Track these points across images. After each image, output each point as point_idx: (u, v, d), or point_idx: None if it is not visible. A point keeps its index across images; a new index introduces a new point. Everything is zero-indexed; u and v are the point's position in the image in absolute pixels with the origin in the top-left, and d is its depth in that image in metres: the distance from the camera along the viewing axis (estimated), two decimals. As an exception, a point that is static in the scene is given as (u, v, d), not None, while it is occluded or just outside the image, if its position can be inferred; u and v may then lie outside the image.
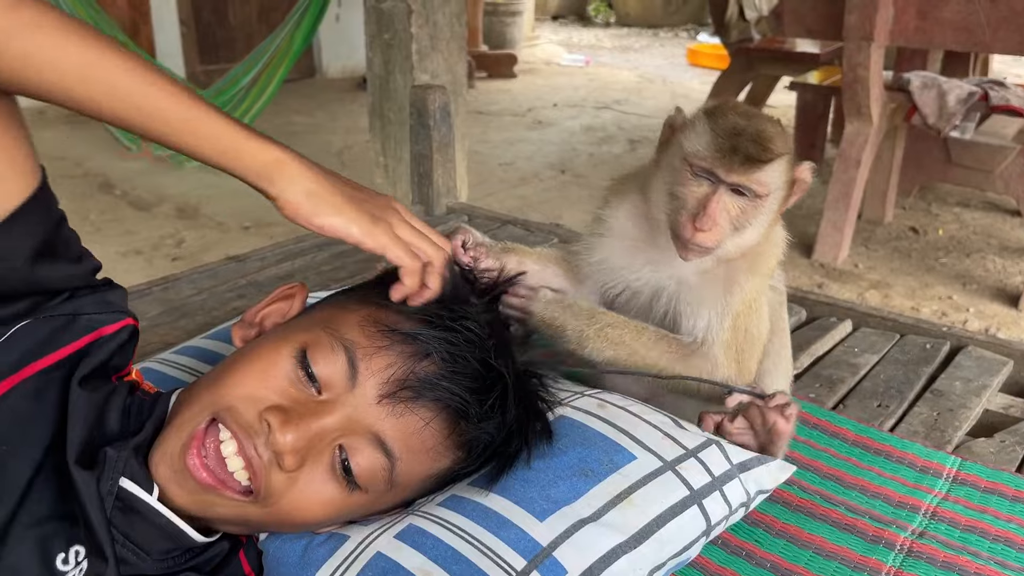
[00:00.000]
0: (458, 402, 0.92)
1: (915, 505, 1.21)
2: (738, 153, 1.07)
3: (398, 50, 3.79)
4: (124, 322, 0.98)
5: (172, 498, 0.89)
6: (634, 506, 1.01)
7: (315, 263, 2.06)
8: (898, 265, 4.24)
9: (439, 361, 0.91)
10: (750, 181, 1.08)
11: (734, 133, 1.08)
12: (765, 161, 1.08)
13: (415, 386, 0.90)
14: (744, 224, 1.11)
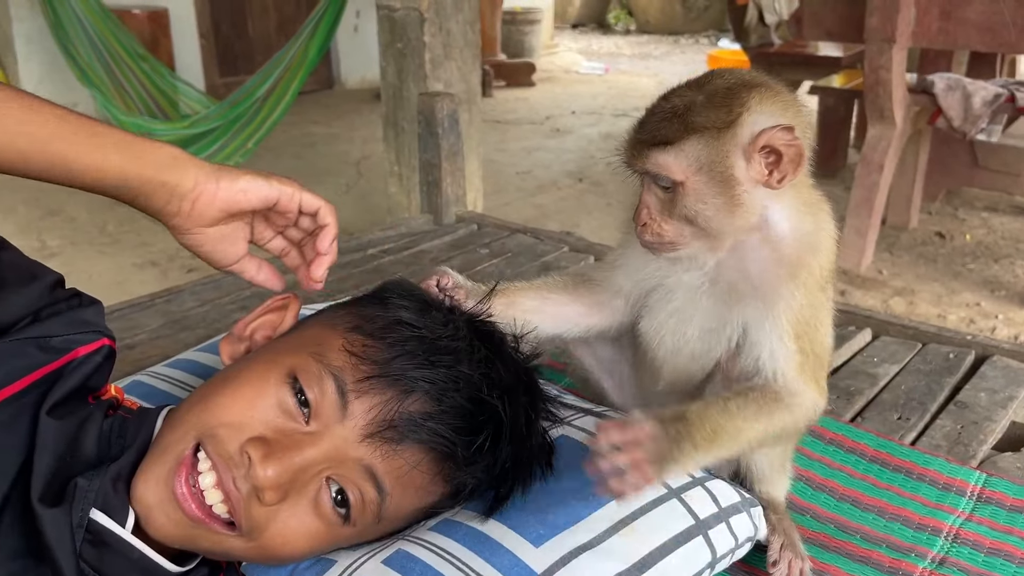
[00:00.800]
0: (444, 444, 0.87)
1: (936, 527, 1.15)
2: (637, 136, 0.93)
3: (411, 59, 3.77)
4: (100, 342, 0.94)
5: (155, 528, 0.85)
6: (636, 533, 0.96)
7: (320, 274, 2.02)
8: (924, 271, 4.14)
9: (425, 399, 0.86)
10: (653, 167, 0.92)
11: (647, 113, 0.94)
12: (658, 144, 0.90)
13: (399, 427, 0.85)
14: (691, 216, 0.92)
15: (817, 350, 0.98)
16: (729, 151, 0.89)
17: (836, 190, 5.20)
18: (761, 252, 0.95)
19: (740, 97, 0.90)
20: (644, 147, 0.92)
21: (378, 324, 0.91)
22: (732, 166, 0.90)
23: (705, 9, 11.64)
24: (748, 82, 0.91)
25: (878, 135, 4.01)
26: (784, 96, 0.93)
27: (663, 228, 0.94)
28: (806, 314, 0.95)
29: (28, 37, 5.96)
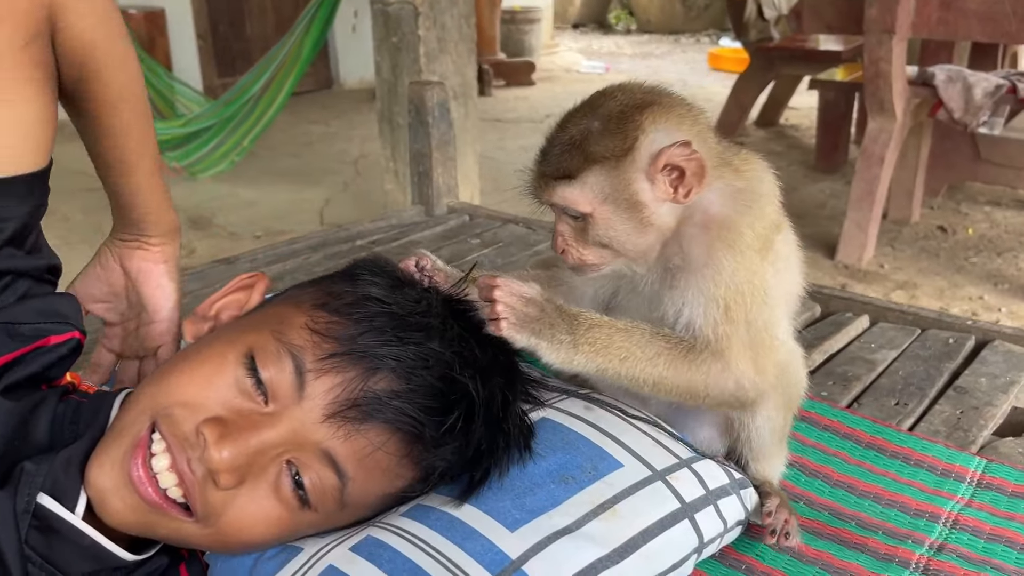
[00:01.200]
0: (410, 424, 0.82)
1: (935, 513, 1.10)
2: (540, 169, 0.92)
3: (406, 53, 3.74)
4: (70, 334, 0.92)
5: (110, 514, 0.81)
6: (618, 517, 0.92)
7: (307, 264, 1.99)
8: (926, 265, 4.10)
9: (392, 377, 0.82)
10: (559, 200, 0.91)
11: (547, 145, 0.92)
12: (561, 177, 0.90)
13: (363, 406, 0.81)
14: (605, 242, 0.92)
15: (754, 325, 0.93)
16: (631, 177, 0.89)
17: (837, 185, 5.16)
18: (696, 230, 0.93)
19: (634, 120, 0.89)
20: (548, 180, 0.91)
21: (345, 300, 0.87)
22: (636, 191, 0.89)
23: (706, 8, 11.60)
24: (640, 102, 0.90)
25: (879, 128, 3.96)
26: (677, 109, 0.91)
27: (582, 253, 0.94)
28: (738, 279, 0.91)
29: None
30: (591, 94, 0.94)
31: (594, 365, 0.91)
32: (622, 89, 0.92)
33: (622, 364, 0.91)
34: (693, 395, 0.95)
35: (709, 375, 0.93)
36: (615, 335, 0.91)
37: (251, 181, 5.23)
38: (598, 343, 0.91)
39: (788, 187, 3.78)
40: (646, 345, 0.92)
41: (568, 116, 0.93)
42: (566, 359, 0.90)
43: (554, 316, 0.89)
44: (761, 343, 0.95)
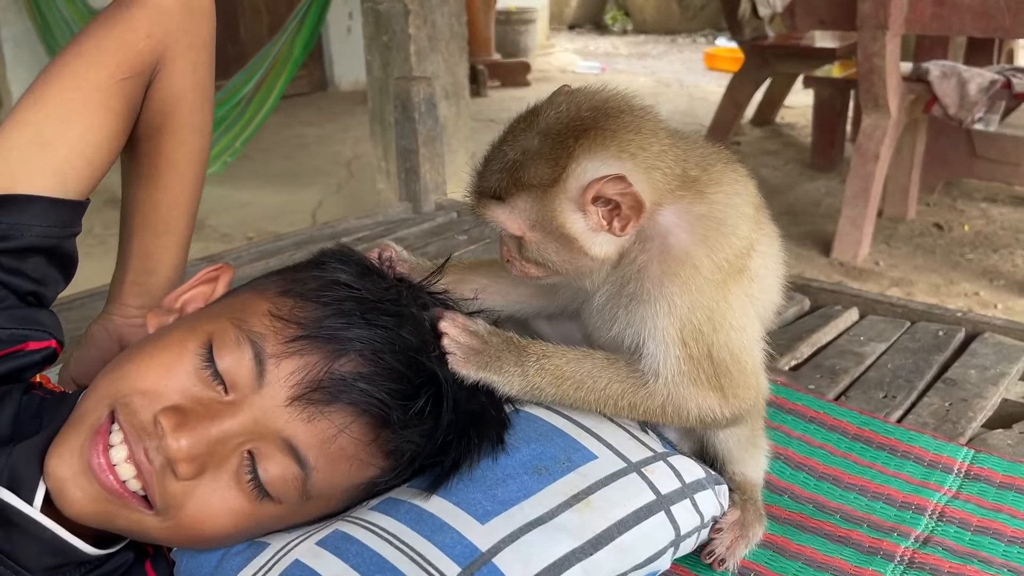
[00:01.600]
0: (376, 407, 0.80)
1: (921, 505, 1.08)
2: (478, 186, 0.88)
3: (396, 52, 3.72)
4: (48, 343, 0.92)
5: (68, 504, 0.78)
6: (592, 508, 0.89)
7: (292, 262, 1.96)
8: (922, 262, 4.07)
9: (358, 360, 0.80)
10: (491, 220, 0.88)
11: (488, 156, 0.88)
12: (496, 199, 0.86)
13: (328, 388, 0.78)
14: (541, 261, 0.88)
15: (715, 355, 0.88)
16: (559, 207, 0.84)
17: (833, 182, 5.14)
18: (651, 258, 0.87)
19: (567, 146, 0.83)
20: (483, 197, 0.88)
21: (311, 286, 0.85)
22: (564, 222, 0.84)
23: (701, 8, 11.59)
24: (580, 124, 0.84)
25: (873, 124, 3.94)
26: (621, 135, 0.84)
27: (525, 267, 0.91)
28: (697, 317, 0.86)
29: (16, 41, 5.92)
30: (546, 97, 0.89)
31: (548, 395, 0.91)
32: (571, 99, 0.86)
33: (576, 392, 0.91)
34: (655, 419, 0.93)
35: (666, 406, 0.90)
36: (566, 366, 0.90)
37: (244, 183, 5.20)
38: (548, 373, 0.90)
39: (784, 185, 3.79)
40: (599, 375, 0.90)
41: (515, 123, 0.89)
42: (520, 389, 0.90)
43: (500, 348, 0.89)
44: (727, 372, 0.89)
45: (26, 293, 0.95)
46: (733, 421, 0.93)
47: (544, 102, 0.89)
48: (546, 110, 0.86)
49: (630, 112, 0.87)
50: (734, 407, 0.91)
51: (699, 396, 0.89)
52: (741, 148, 6.02)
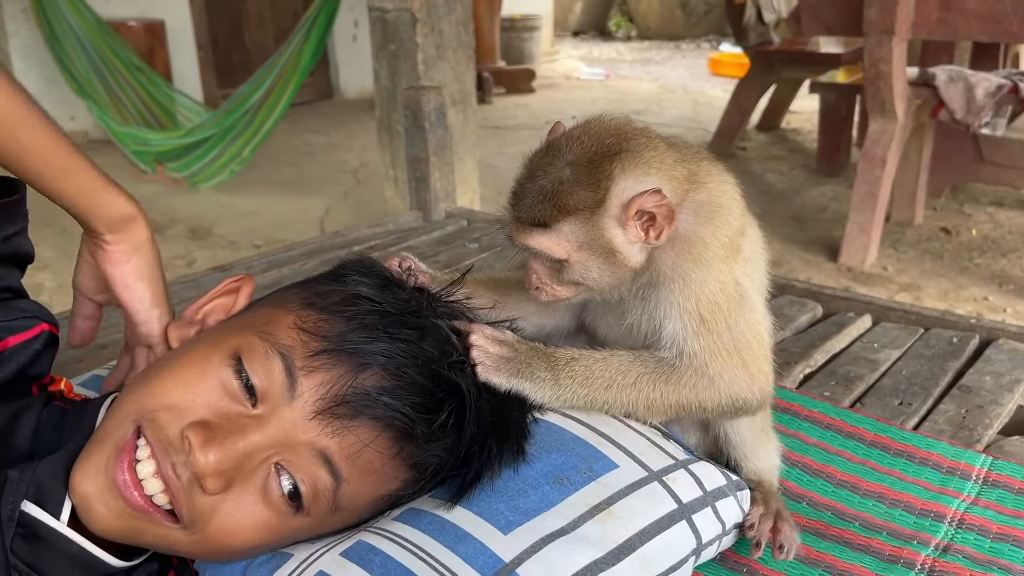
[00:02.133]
0: (400, 421, 0.80)
1: (940, 512, 1.08)
2: (515, 215, 0.91)
3: (404, 60, 3.73)
4: (37, 328, 0.90)
5: (95, 520, 0.79)
6: (614, 518, 0.89)
7: (303, 271, 1.97)
8: (929, 267, 4.07)
9: (382, 374, 0.81)
10: (535, 246, 0.91)
11: (519, 190, 0.92)
12: (538, 226, 0.90)
13: (353, 402, 0.79)
14: (581, 280, 0.92)
15: (733, 327, 0.93)
16: (604, 226, 0.90)
17: (839, 188, 5.14)
18: (665, 244, 0.92)
19: (604, 170, 0.89)
20: (523, 226, 0.91)
21: (334, 299, 0.86)
22: (611, 238, 0.90)
23: (705, 13, 11.61)
24: (609, 149, 0.90)
25: (880, 129, 3.94)
26: (644, 154, 0.91)
27: (556, 290, 0.95)
28: (708, 289, 0.92)
29: (24, 51, 5.96)
30: (555, 137, 0.94)
31: (580, 397, 0.94)
32: (588, 131, 0.92)
33: (607, 392, 0.94)
34: (688, 411, 0.96)
35: (697, 390, 0.94)
36: (594, 365, 0.94)
37: (251, 191, 5.22)
38: (578, 375, 0.93)
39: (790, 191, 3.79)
40: (626, 371, 0.94)
41: (537, 160, 0.93)
42: (552, 395, 0.93)
43: (529, 355, 0.93)
44: (748, 346, 0.94)
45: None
46: (762, 401, 0.96)
47: (559, 138, 0.93)
48: (568, 144, 0.92)
49: (642, 133, 0.94)
50: (761, 384, 0.95)
51: (726, 372, 0.93)
52: (747, 153, 6.02)
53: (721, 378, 0.93)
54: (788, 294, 1.79)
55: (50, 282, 3.94)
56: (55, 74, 5.72)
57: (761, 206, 4.85)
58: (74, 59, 5.39)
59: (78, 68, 5.40)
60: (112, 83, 5.37)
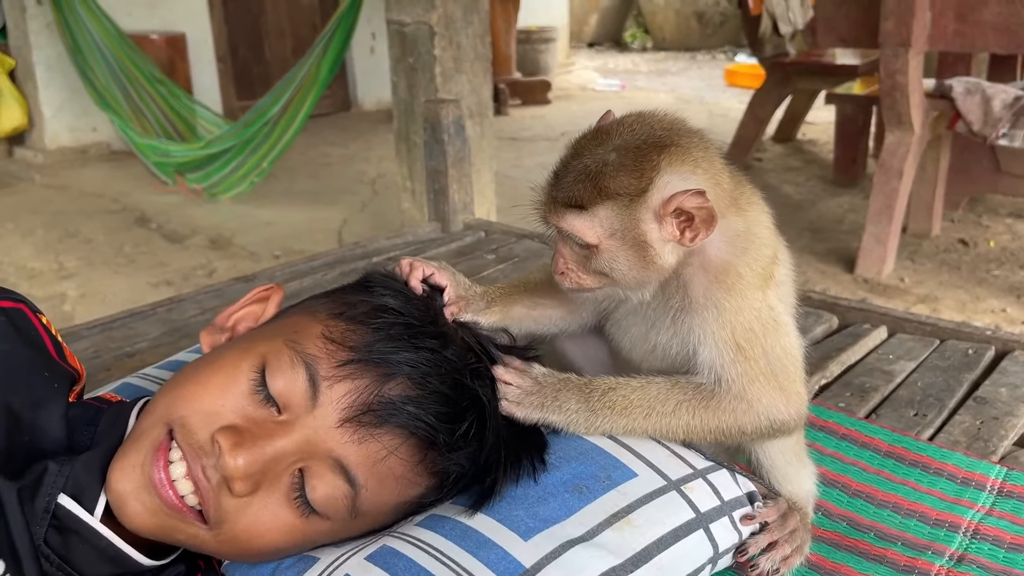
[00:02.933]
0: (424, 430, 0.83)
1: (955, 522, 1.09)
2: (552, 193, 0.91)
3: (422, 73, 3.77)
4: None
5: (129, 517, 0.82)
6: (632, 526, 0.91)
7: (324, 281, 2.00)
8: (947, 278, 4.06)
9: (407, 383, 0.83)
10: (567, 227, 0.90)
11: (561, 169, 0.91)
12: (572, 206, 0.89)
13: (378, 411, 0.82)
14: (606, 272, 0.91)
15: (770, 352, 0.93)
16: (641, 217, 0.88)
17: (856, 199, 5.14)
18: (695, 272, 0.93)
19: (651, 160, 0.88)
20: (558, 206, 0.90)
21: (361, 310, 0.88)
22: (645, 231, 0.89)
23: (721, 25, 11.63)
24: (659, 140, 0.89)
25: (896, 141, 3.95)
26: (694, 152, 0.90)
27: (581, 278, 0.94)
28: (743, 317, 0.92)
29: (48, 64, 6.05)
30: (605, 123, 0.93)
31: (620, 427, 0.95)
32: (641, 120, 0.91)
33: (646, 420, 0.94)
34: (727, 435, 0.96)
35: (736, 415, 0.94)
36: (632, 394, 0.94)
37: (270, 202, 5.28)
38: (617, 405, 0.93)
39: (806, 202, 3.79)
40: (665, 399, 0.94)
41: (584, 141, 0.92)
42: (586, 425, 0.94)
43: (557, 388, 0.93)
44: (784, 369, 0.94)
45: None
46: (798, 422, 0.96)
47: (611, 123, 0.93)
48: (618, 128, 0.91)
49: (696, 134, 0.93)
50: (797, 405, 0.95)
51: (764, 396, 0.93)
52: (763, 164, 6.03)
53: (760, 402, 0.93)
54: (804, 305, 1.80)
55: (73, 291, 4.00)
56: (78, 86, 5.82)
57: (777, 217, 4.80)
58: (97, 72, 5.48)
59: (100, 81, 5.49)
60: (134, 95, 5.45)
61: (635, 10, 12.52)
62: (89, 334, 1.73)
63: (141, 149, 5.41)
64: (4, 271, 4.26)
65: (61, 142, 6.25)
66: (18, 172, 6.09)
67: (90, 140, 6.36)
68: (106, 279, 4.15)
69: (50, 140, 6.20)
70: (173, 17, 6.50)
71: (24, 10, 5.86)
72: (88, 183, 5.80)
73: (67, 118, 6.22)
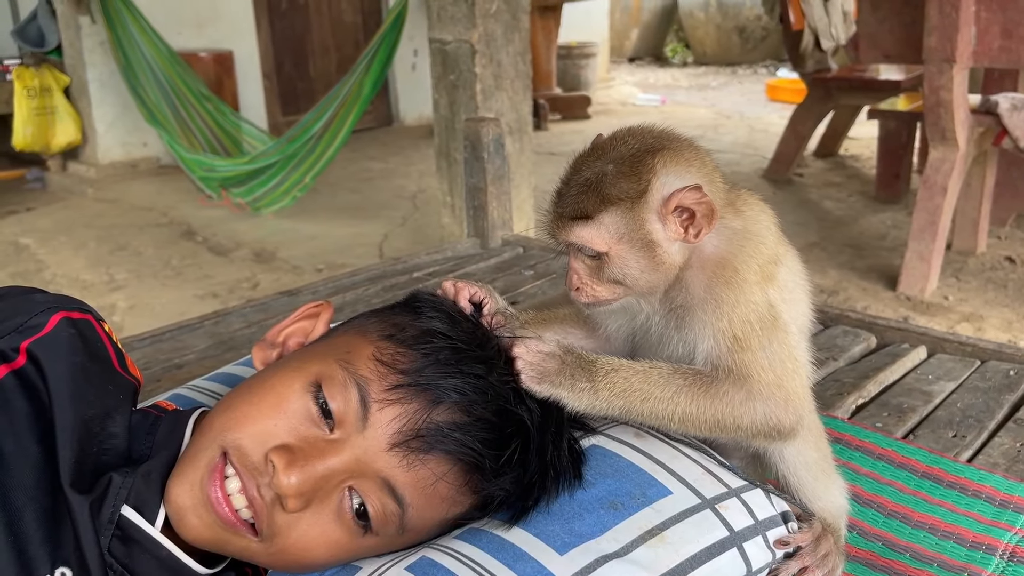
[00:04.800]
0: (471, 456, 0.86)
1: (992, 545, 1.09)
2: (557, 210, 0.94)
3: (463, 90, 3.82)
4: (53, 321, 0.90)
5: (187, 530, 0.86)
6: (666, 543, 0.93)
7: (366, 296, 2.04)
8: (992, 297, 4.00)
9: (454, 409, 0.86)
10: (576, 240, 0.93)
11: (563, 187, 0.95)
12: (578, 217, 0.92)
13: (426, 437, 0.85)
14: (620, 279, 0.94)
15: (770, 348, 0.94)
16: (645, 218, 0.92)
17: (899, 215, 5.08)
18: (695, 270, 0.96)
19: (646, 163, 0.92)
20: (565, 221, 0.94)
21: (410, 333, 0.91)
22: (651, 231, 0.92)
23: (762, 39, 11.57)
24: (651, 146, 0.93)
25: (941, 157, 3.90)
26: (686, 153, 0.94)
27: (596, 290, 0.96)
28: (741, 309, 0.94)
29: (101, 81, 6.23)
30: (599, 140, 0.97)
31: (616, 408, 0.95)
32: (632, 133, 0.96)
33: (644, 404, 0.95)
34: (723, 428, 0.96)
35: (733, 405, 0.94)
36: (633, 377, 0.95)
37: (313, 216, 5.37)
38: (616, 387, 0.95)
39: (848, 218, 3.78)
40: (665, 384, 0.95)
41: (581, 159, 0.96)
42: (589, 404, 0.95)
43: (573, 366, 0.95)
44: (782, 365, 0.95)
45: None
46: (795, 425, 0.96)
47: (604, 140, 0.97)
48: (611, 143, 0.95)
49: (686, 139, 0.97)
50: (796, 406, 0.95)
51: (763, 389, 0.94)
52: (804, 180, 5.99)
53: (760, 394, 0.94)
54: (842, 324, 1.80)
55: (123, 303, 4.11)
56: (129, 103, 5.98)
57: (818, 233, 4.83)
58: (147, 89, 5.63)
59: (151, 97, 5.64)
60: (182, 112, 5.60)
61: (676, 25, 12.51)
62: (140, 346, 1.79)
63: (188, 164, 5.54)
64: (58, 283, 4.39)
65: (113, 157, 6.42)
66: (72, 186, 6.27)
67: (140, 155, 6.53)
68: (154, 291, 4.26)
69: (102, 155, 6.38)
70: (221, 35, 6.65)
71: (79, 29, 6.04)
72: (137, 197, 5.95)
73: (118, 134, 6.40)
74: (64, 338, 0.90)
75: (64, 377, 0.87)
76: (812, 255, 4.42)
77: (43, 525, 0.81)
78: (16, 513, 0.80)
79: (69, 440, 0.85)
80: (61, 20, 6.14)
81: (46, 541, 0.81)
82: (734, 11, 11.47)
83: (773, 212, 1.01)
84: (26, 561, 0.79)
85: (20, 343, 0.87)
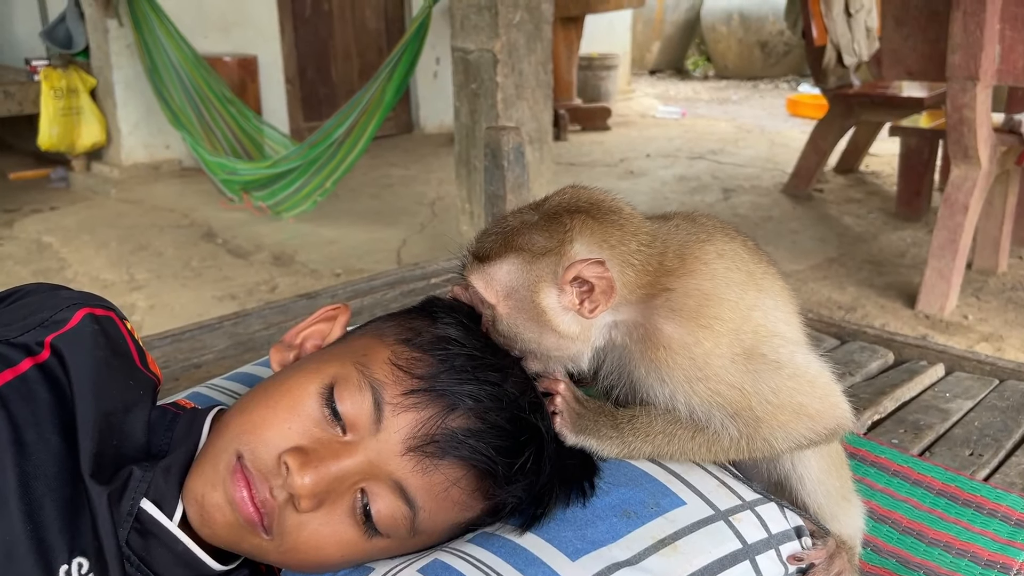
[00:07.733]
0: (485, 462, 0.87)
1: (1007, 564, 1.08)
2: (471, 249, 0.93)
3: (484, 99, 3.84)
4: (76, 318, 0.92)
5: (207, 527, 0.87)
6: (678, 553, 0.93)
7: (384, 300, 2.06)
8: (1013, 317, 3.96)
9: (468, 416, 0.87)
10: (473, 282, 0.91)
11: (489, 226, 0.94)
12: (479, 259, 0.90)
13: (440, 443, 0.85)
14: (510, 335, 0.91)
15: (760, 396, 0.90)
16: (540, 278, 0.88)
17: (919, 233, 5.05)
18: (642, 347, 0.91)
19: (563, 223, 0.89)
20: (471, 260, 0.92)
21: (427, 338, 0.91)
22: (539, 293, 0.88)
23: (785, 54, 11.55)
24: (578, 207, 0.90)
25: (963, 175, 3.88)
26: (607, 228, 0.90)
27: (500, 341, 0.93)
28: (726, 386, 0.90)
29: (127, 83, 6.30)
30: (553, 193, 0.95)
31: (645, 452, 0.97)
32: (573, 192, 0.93)
33: (669, 445, 0.95)
34: (750, 454, 0.96)
35: (742, 453, 0.95)
36: (654, 422, 0.95)
37: (332, 221, 5.40)
38: (640, 432, 0.95)
39: (867, 234, 3.77)
40: (684, 424, 0.95)
41: (524, 206, 0.95)
42: (619, 452, 0.96)
43: (596, 413, 0.95)
44: (788, 389, 0.91)
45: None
46: (835, 429, 0.94)
47: (556, 191, 0.95)
48: (555, 196, 0.94)
49: (619, 212, 0.93)
50: (826, 420, 0.92)
51: (778, 430, 0.92)
52: (824, 195, 5.97)
53: (784, 426, 0.92)
54: (859, 339, 1.80)
55: (143, 302, 4.15)
56: (154, 105, 6.05)
57: (837, 249, 4.81)
58: (172, 92, 5.69)
59: (175, 100, 5.70)
60: (206, 115, 5.65)
61: (698, 38, 12.52)
62: (160, 344, 1.81)
63: (210, 167, 5.59)
64: (80, 281, 4.44)
65: (136, 158, 6.49)
66: (95, 186, 6.34)
67: (163, 157, 6.59)
68: (174, 291, 4.30)
69: (126, 156, 6.45)
70: (245, 40, 6.72)
71: (106, 32, 6.12)
72: (160, 198, 6.01)
73: (142, 135, 6.47)
74: (88, 333, 0.91)
75: (87, 371, 0.89)
76: (831, 271, 4.41)
77: (62, 514, 0.82)
78: (37, 502, 0.81)
79: (90, 432, 0.86)
80: (89, 22, 6.22)
81: (65, 530, 0.82)
82: (756, 25, 11.46)
83: (739, 243, 0.95)
84: (45, 549, 0.80)
85: (45, 337, 0.89)
